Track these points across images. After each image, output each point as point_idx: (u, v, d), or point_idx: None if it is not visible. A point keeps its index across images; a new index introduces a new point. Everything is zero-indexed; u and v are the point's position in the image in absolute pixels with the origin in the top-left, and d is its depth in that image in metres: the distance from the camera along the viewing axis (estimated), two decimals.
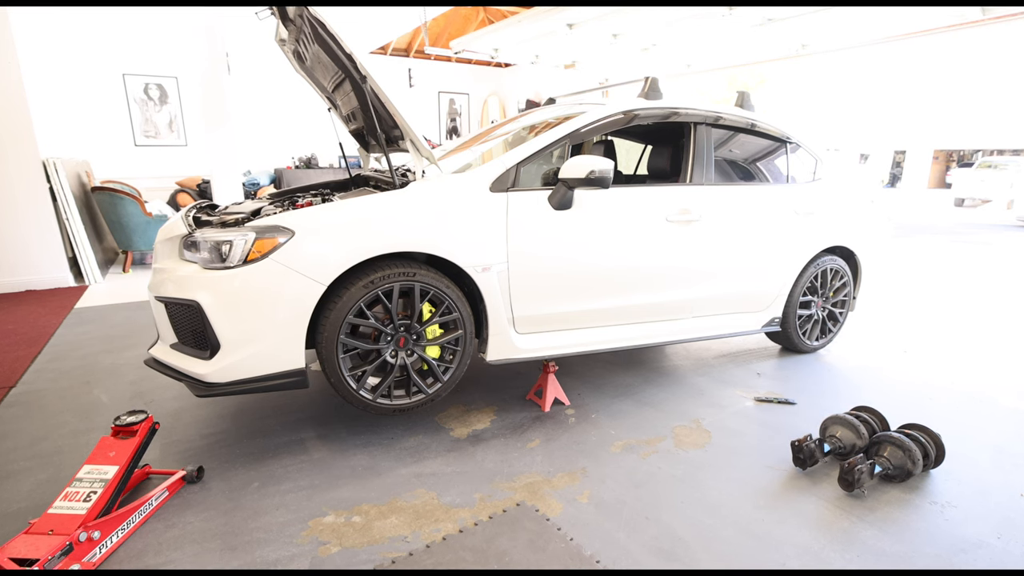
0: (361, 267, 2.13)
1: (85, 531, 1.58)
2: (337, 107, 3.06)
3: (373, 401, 2.22)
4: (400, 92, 10.08)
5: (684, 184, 2.81)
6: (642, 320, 2.76)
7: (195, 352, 2.10)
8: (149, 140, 7.69)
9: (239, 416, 2.55)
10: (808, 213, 3.12)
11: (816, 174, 3.28)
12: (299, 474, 2.08)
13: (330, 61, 2.35)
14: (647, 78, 2.88)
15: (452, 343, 2.32)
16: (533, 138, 2.55)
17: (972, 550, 1.69)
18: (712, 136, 2.90)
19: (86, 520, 1.60)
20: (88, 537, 1.58)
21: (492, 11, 9.73)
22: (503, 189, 2.35)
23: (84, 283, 5.29)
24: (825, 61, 16.48)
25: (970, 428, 2.47)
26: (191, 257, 2.12)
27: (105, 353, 3.38)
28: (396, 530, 1.76)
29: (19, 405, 2.67)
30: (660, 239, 2.68)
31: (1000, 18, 5.98)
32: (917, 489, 2.00)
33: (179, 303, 2.08)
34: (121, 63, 7.33)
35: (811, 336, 3.38)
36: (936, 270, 6.25)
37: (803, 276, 3.20)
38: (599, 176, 2.31)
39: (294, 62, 2.91)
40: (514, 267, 2.36)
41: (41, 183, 5.01)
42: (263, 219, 2.12)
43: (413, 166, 2.43)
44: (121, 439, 1.90)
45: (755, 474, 2.10)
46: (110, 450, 1.84)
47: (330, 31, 2.08)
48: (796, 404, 2.71)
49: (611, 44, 7.74)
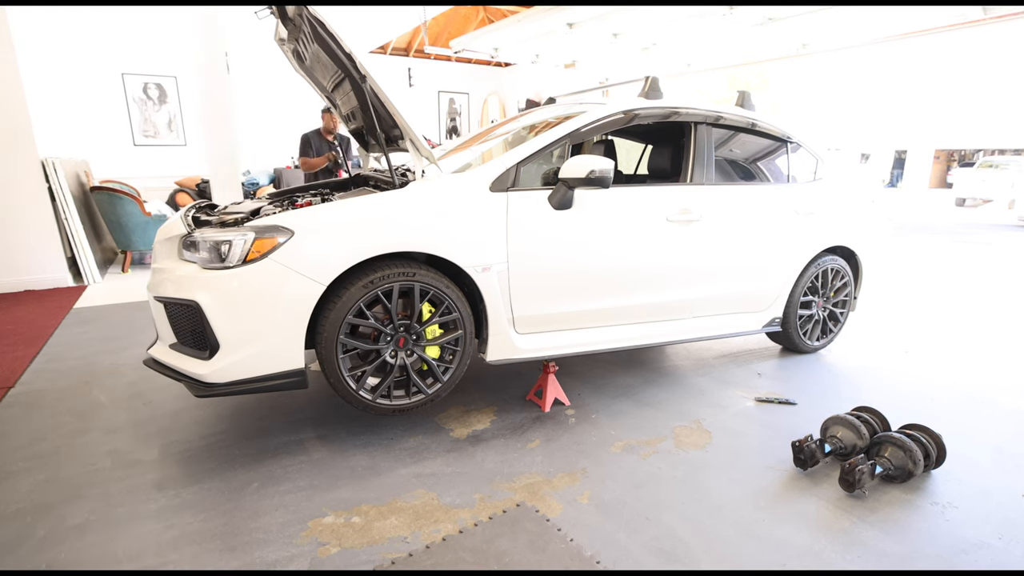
0: (361, 267, 2.13)
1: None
2: (337, 106, 3.05)
3: (372, 401, 2.21)
4: (400, 92, 10.08)
5: (684, 184, 2.80)
6: (642, 320, 2.75)
7: (194, 352, 2.09)
8: (148, 140, 7.69)
9: (238, 416, 2.54)
10: (809, 213, 3.11)
11: (817, 174, 3.27)
12: (298, 475, 2.07)
13: (329, 60, 2.35)
14: (647, 78, 2.87)
15: (452, 343, 2.32)
16: (533, 138, 2.54)
17: (973, 551, 1.68)
18: (712, 136, 2.89)
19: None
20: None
21: (492, 10, 9.72)
22: (503, 189, 2.35)
23: (83, 283, 5.28)
24: (827, 61, 16.47)
25: (971, 428, 2.47)
26: (190, 257, 2.12)
27: (104, 353, 3.37)
28: (396, 531, 1.75)
29: (18, 405, 2.67)
30: (660, 239, 2.67)
31: (1001, 17, 5.98)
32: (918, 490, 2.00)
33: (178, 303, 2.08)
34: (120, 63, 7.33)
35: (812, 336, 3.37)
36: (937, 270, 6.25)
37: (804, 276, 3.19)
38: (599, 176, 2.30)
39: (293, 61, 2.91)
40: (514, 267, 2.35)
41: (40, 183, 5.00)
42: (262, 219, 2.11)
43: (413, 166, 2.43)
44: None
45: (756, 475, 2.10)
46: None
47: (329, 30, 2.08)
48: (797, 404, 2.70)
49: (611, 43, 7.74)
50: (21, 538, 1.72)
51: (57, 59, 6.87)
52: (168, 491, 1.97)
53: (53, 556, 1.64)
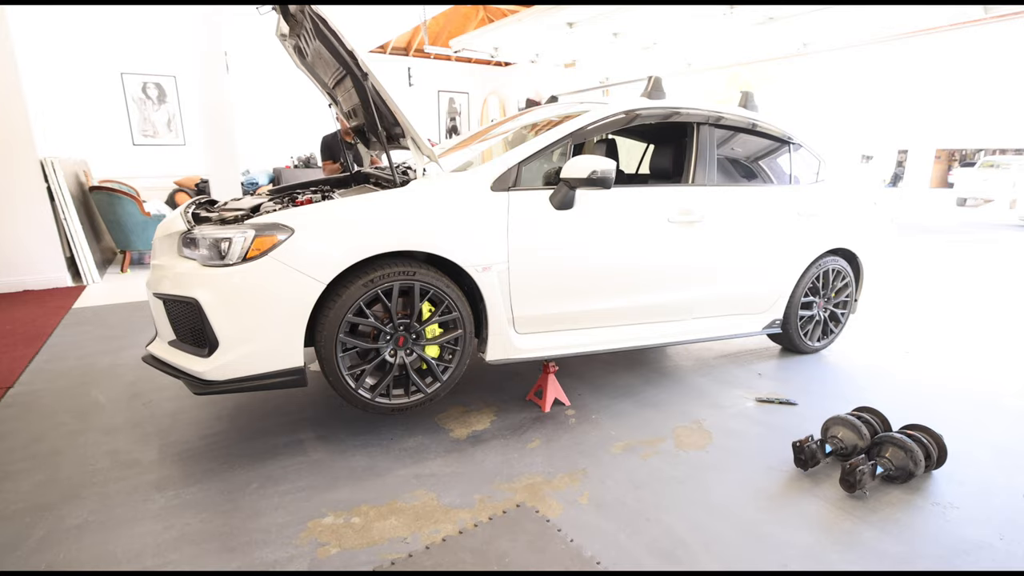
0: (360, 265, 2.12)
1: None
2: (338, 103, 3.04)
3: (372, 400, 2.21)
4: (400, 91, 10.06)
5: (686, 185, 2.79)
6: (643, 321, 2.75)
7: (193, 350, 2.08)
8: (147, 139, 7.68)
9: (237, 417, 2.54)
10: (811, 215, 3.10)
11: (819, 175, 3.26)
12: (298, 475, 2.07)
13: (331, 57, 2.34)
14: (651, 77, 2.87)
15: (451, 343, 2.31)
16: (535, 137, 2.54)
17: (975, 551, 1.68)
18: (714, 136, 2.88)
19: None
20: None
21: (492, 10, 9.71)
22: (504, 188, 2.34)
23: (82, 283, 5.27)
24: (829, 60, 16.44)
25: (972, 429, 2.46)
26: (190, 254, 2.11)
27: (103, 354, 3.37)
28: (395, 531, 1.75)
29: (16, 406, 2.66)
30: (661, 240, 2.66)
31: (1002, 16, 5.97)
32: (919, 490, 1.99)
33: (177, 300, 2.07)
34: (119, 62, 7.31)
35: (813, 337, 3.36)
36: (938, 270, 6.24)
37: (805, 277, 3.18)
38: (601, 176, 2.30)
39: (295, 57, 2.90)
40: (515, 267, 2.34)
41: (39, 183, 4.99)
42: (262, 216, 2.10)
43: (414, 163, 2.42)
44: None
45: (756, 475, 2.09)
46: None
47: (332, 27, 2.07)
48: (797, 405, 2.70)
49: (611, 43, 7.73)
50: (20, 538, 1.71)
51: (56, 58, 6.86)
52: (167, 491, 1.96)
53: (52, 557, 1.64)
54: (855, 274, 3.44)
